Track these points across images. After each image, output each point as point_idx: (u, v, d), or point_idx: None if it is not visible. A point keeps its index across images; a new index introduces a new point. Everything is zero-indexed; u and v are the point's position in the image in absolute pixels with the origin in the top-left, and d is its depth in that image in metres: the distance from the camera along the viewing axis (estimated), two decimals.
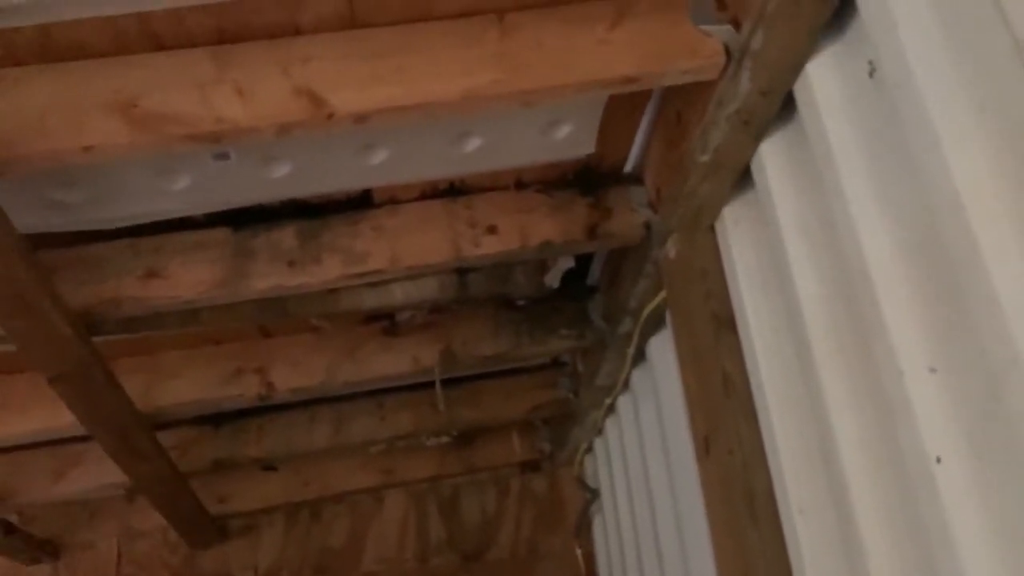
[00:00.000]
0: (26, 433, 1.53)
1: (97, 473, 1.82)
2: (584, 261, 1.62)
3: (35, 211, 1.11)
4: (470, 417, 1.98)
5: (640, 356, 1.68)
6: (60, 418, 1.48)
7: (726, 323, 1.19)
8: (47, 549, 2.07)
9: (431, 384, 1.86)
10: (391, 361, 1.63)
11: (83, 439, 1.77)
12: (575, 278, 1.66)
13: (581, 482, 2.22)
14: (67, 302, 1.15)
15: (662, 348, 1.58)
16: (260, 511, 2.17)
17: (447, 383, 1.90)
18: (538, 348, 1.68)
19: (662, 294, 1.40)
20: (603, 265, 1.65)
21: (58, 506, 2.08)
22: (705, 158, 1.09)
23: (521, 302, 1.60)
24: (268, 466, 2.08)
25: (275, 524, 2.19)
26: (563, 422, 2.18)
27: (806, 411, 1.04)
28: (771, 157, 1.06)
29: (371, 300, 1.34)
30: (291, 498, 2.16)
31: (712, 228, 1.25)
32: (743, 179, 1.15)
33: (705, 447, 1.18)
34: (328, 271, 1.24)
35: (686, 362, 1.25)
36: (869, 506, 0.89)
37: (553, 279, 1.47)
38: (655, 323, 1.54)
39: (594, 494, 2.17)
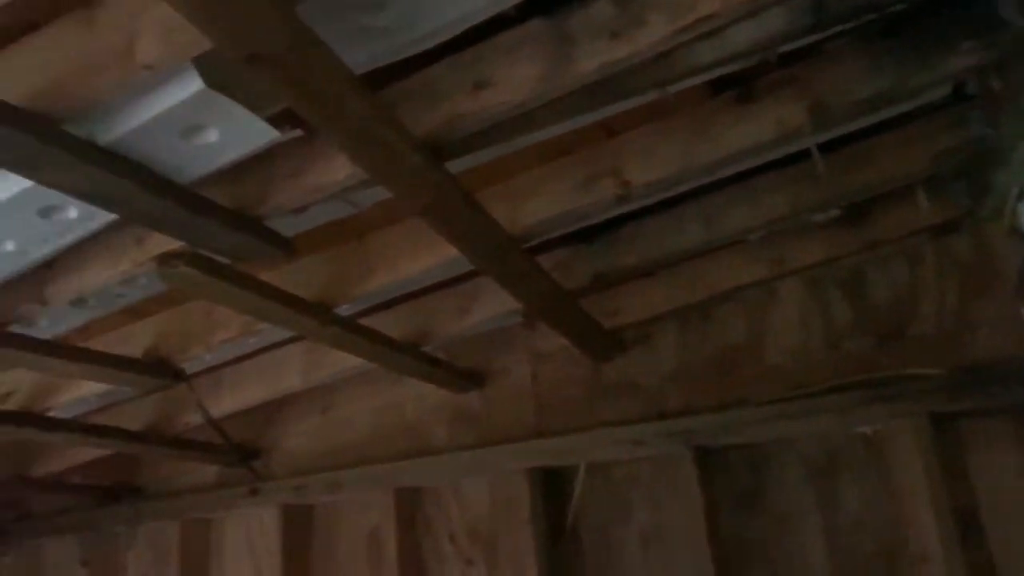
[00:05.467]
0: (423, 271, 1.64)
1: (494, 304, 1.93)
2: None
3: (353, 43, 1.11)
4: (858, 181, 1.71)
5: None
6: (444, 254, 1.57)
7: None
8: (473, 378, 2.31)
9: (804, 156, 1.64)
10: (751, 130, 1.43)
11: (474, 275, 1.89)
12: None
13: (1017, 233, 1.83)
14: (411, 131, 1.16)
15: None
16: (651, 320, 2.15)
17: (825, 150, 1.65)
18: (931, 74, 1.35)
19: None
20: None
21: (473, 340, 2.28)
22: None
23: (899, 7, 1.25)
24: (645, 272, 2.03)
25: (668, 331, 2.16)
26: (981, 167, 1.79)
27: None
28: None
29: (709, 54, 1.16)
30: (678, 303, 2.10)
31: None
32: None
33: None
34: (654, 31, 1.09)
35: None
36: None
37: None
38: None
39: None
